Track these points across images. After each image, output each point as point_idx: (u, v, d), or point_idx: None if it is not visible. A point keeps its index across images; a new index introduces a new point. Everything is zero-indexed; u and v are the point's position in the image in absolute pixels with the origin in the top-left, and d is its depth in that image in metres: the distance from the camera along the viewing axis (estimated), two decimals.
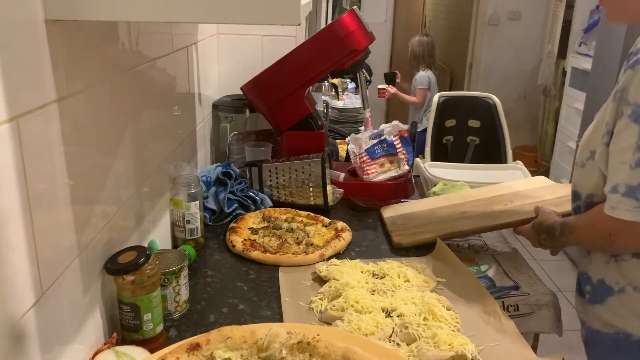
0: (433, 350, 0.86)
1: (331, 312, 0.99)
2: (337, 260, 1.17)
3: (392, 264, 1.16)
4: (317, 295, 1.06)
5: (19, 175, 0.64)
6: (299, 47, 1.60)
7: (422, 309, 0.96)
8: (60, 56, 0.73)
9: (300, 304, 1.05)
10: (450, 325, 0.94)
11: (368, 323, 0.93)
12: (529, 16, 4.96)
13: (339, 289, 1.03)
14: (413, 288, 1.07)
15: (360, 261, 1.18)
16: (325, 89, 2.76)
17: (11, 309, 0.64)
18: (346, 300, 0.99)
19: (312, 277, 1.15)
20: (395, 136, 1.59)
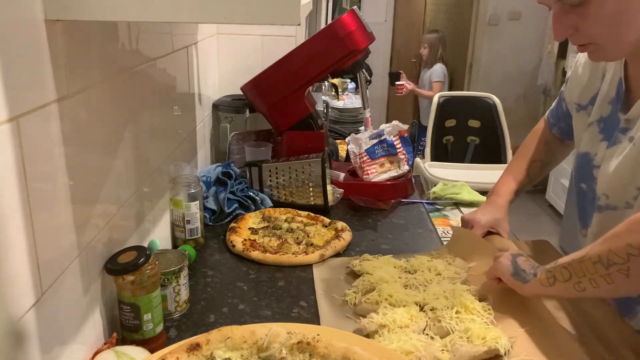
0: (466, 345, 0.86)
1: (365, 304, 1.00)
2: (370, 256, 1.18)
3: (421, 259, 1.15)
4: (351, 289, 1.07)
5: (19, 175, 0.64)
6: (299, 47, 1.60)
7: (454, 302, 0.96)
8: (60, 56, 0.73)
9: (335, 297, 1.06)
10: (482, 317, 0.94)
11: (403, 316, 0.93)
12: (529, 16, 4.96)
13: (373, 283, 1.05)
14: (445, 281, 1.06)
15: (392, 257, 1.18)
16: (325, 89, 2.76)
17: (11, 309, 0.64)
18: (380, 294, 1.00)
19: (346, 271, 1.16)
20: (395, 136, 1.59)
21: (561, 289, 0.88)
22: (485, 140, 3.41)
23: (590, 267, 0.82)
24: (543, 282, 0.90)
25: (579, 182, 1.07)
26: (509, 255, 0.99)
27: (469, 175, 2.78)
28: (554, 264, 0.89)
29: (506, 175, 1.32)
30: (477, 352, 0.85)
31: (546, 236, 1.31)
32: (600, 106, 1.03)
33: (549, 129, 1.30)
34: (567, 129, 1.22)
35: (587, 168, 1.04)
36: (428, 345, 0.86)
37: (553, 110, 1.28)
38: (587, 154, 1.04)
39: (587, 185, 1.04)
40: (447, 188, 1.81)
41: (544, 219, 4.09)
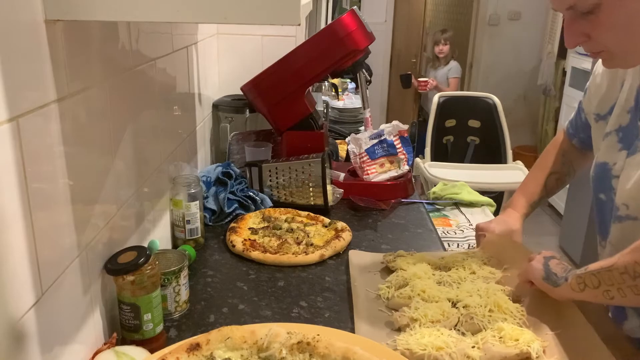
0: (498, 345, 0.86)
1: (398, 299, 1.01)
2: (404, 252, 1.18)
3: (456, 257, 1.15)
4: (385, 284, 1.08)
5: (19, 175, 0.64)
6: (299, 47, 1.60)
7: (488, 300, 0.96)
8: (60, 56, 0.73)
9: (368, 291, 1.07)
10: (515, 318, 0.94)
11: (434, 311, 0.94)
12: (529, 16, 4.96)
13: (407, 278, 1.05)
14: (478, 280, 1.06)
15: (426, 254, 1.18)
16: (325, 89, 2.76)
17: (11, 309, 0.64)
18: (413, 289, 1.01)
19: (381, 267, 1.17)
20: (395, 136, 1.59)
21: (591, 295, 0.89)
22: (485, 140, 3.42)
23: (618, 277, 0.83)
24: (573, 288, 0.90)
25: (598, 193, 1.06)
26: (542, 259, 0.98)
27: (469, 175, 2.78)
28: (584, 269, 0.89)
29: (523, 187, 1.32)
30: (509, 354, 0.85)
31: (546, 236, 1.31)
32: (619, 115, 1.01)
33: (569, 140, 1.29)
34: (587, 139, 1.21)
35: (605, 178, 1.03)
36: (458, 342, 0.86)
37: (572, 121, 1.27)
38: (605, 163, 1.02)
39: (605, 195, 1.03)
40: (447, 188, 1.81)
41: (544, 219, 4.09)
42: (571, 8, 0.86)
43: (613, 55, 0.89)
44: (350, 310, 1.03)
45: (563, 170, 1.30)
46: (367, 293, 1.07)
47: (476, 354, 0.84)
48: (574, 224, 3.40)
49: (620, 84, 1.04)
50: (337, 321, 1.00)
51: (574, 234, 3.41)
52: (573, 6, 0.85)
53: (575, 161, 1.30)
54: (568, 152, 1.29)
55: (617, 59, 0.90)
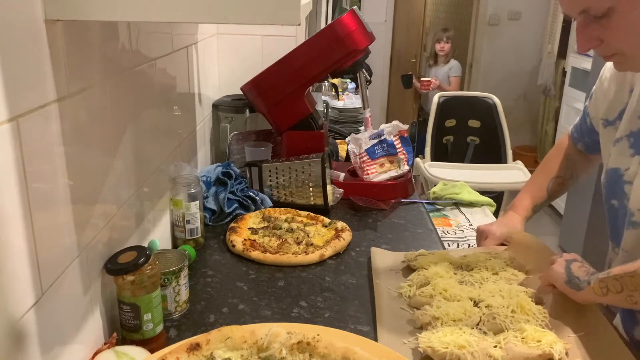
0: (520, 345, 0.86)
1: (419, 297, 1.01)
2: (426, 251, 1.18)
3: (478, 256, 1.15)
4: (406, 282, 1.09)
5: (19, 175, 0.64)
6: (299, 47, 1.60)
7: (511, 301, 0.96)
8: (60, 56, 0.73)
9: (390, 289, 1.08)
10: (537, 319, 0.94)
11: (456, 310, 0.94)
12: (529, 16, 4.96)
13: (428, 277, 1.06)
14: (501, 281, 1.06)
15: (448, 252, 1.19)
16: (325, 89, 2.76)
17: (11, 309, 0.64)
18: (434, 288, 1.01)
19: (402, 266, 1.17)
20: (395, 136, 1.59)
21: (614, 300, 0.89)
22: (485, 140, 3.42)
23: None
24: (596, 292, 0.90)
25: (610, 199, 1.05)
26: (563, 262, 0.98)
27: (469, 175, 2.78)
28: (606, 273, 0.89)
29: (525, 190, 1.32)
30: (531, 355, 0.84)
31: (546, 236, 1.32)
32: (629, 120, 1.00)
33: (574, 144, 1.29)
34: (592, 144, 1.21)
35: (617, 184, 1.02)
36: (480, 341, 0.86)
37: (577, 125, 1.27)
38: (617, 169, 1.01)
39: (618, 201, 1.02)
40: (447, 188, 1.81)
41: (544, 219, 4.09)
42: (584, 12, 0.85)
43: (626, 59, 0.89)
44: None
45: (566, 175, 1.30)
46: (388, 291, 1.07)
47: (498, 354, 0.84)
48: (574, 224, 3.40)
49: (629, 89, 1.03)
50: (337, 321, 1.00)
51: (574, 234, 3.41)
52: (586, 10, 0.84)
53: (578, 166, 1.30)
54: (572, 157, 1.29)
55: (630, 62, 0.89)
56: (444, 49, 4.48)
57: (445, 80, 4.44)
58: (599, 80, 1.14)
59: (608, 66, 1.11)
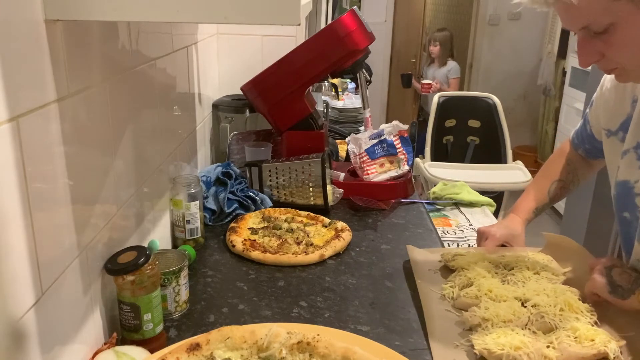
0: (574, 345, 0.86)
1: (464, 299, 1.01)
2: (462, 250, 1.18)
3: (518, 256, 1.15)
4: (447, 283, 1.08)
5: (19, 175, 0.64)
6: (299, 47, 1.60)
7: (557, 300, 0.96)
8: (60, 56, 0.73)
9: (432, 290, 1.07)
10: (586, 317, 0.93)
11: (506, 311, 0.93)
12: (529, 16, 4.96)
13: (471, 278, 1.05)
14: (543, 280, 1.06)
15: (485, 251, 1.18)
16: (325, 89, 2.76)
17: (11, 309, 0.64)
18: (479, 289, 1.01)
19: (439, 265, 1.17)
20: (395, 136, 1.59)
21: None
22: (485, 140, 3.42)
23: None
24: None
25: (621, 211, 1.05)
26: (603, 270, 0.98)
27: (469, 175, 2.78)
28: None
29: (527, 193, 1.33)
30: (586, 355, 0.84)
31: None
32: (635, 133, 1.00)
33: (575, 150, 1.30)
34: (592, 150, 1.22)
35: (628, 196, 1.02)
36: (534, 342, 0.86)
37: (578, 131, 1.28)
38: (627, 182, 1.01)
39: (630, 214, 1.02)
40: (447, 188, 1.81)
41: (544, 219, 4.09)
42: (585, 28, 0.85)
43: (627, 72, 0.89)
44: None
45: (567, 179, 1.31)
46: (432, 293, 1.07)
47: (553, 354, 0.84)
48: (574, 224, 3.40)
49: (631, 99, 1.03)
50: (337, 321, 1.00)
51: (574, 235, 3.39)
52: (587, 27, 0.84)
53: (579, 171, 1.31)
54: (573, 162, 1.30)
55: (632, 75, 0.90)
56: (433, 51, 4.49)
57: (444, 81, 4.44)
58: (599, 89, 1.14)
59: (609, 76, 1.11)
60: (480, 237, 1.28)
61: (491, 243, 1.23)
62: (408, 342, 0.94)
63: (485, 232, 1.26)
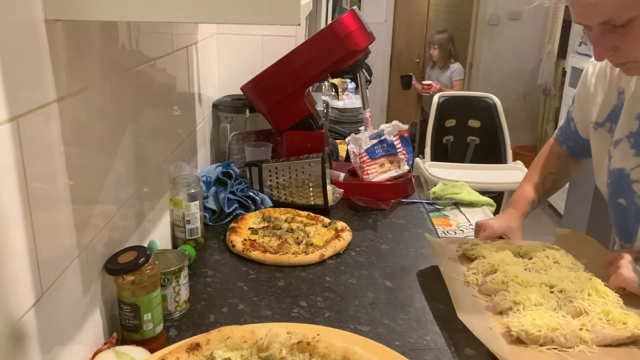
0: (608, 328, 0.87)
1: (491, 284, 1.02)
2: (479, 240, 1.19)
3: (535, 246, 1.16)
4: (470, 270, 1.09)
5: (19, 175, 0.64)
6: (299, 47, 1.60)
7: (584, 285, 0.97)
8: (60, 56, 0.73)
9: (455, 277, 1.08)
10: (613, 302, 0.94)
11: (536, 294, 0.94)
12: (529, 16, 4.96)
13: (494, 265, 1.06)
14: (564, 269, 1.06)
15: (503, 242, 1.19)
16: (325, 89, 2.76)
17: (11, 309, 0.64)
18: (505, 275, 1.02)
19: (457, 254, 1.18)
20: (395, 136, 1.59)
21: None
22: (485, 140, 3.42)
23: None
24: None
25: (616, 198, 1.07)
26: (629, 265, 0.99)
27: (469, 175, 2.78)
28: None
29: (522, 187, 1.35)
30: (620, 337, 0.86)
31: (546, 236, 1.32)
32: (626, 123, 1.03)
33: (559, 146, 1.32)
34: (576, 148, 1.25)
35: (624, 184, 1.04)
36: (568, 324, 0.87)
37: (562, 129, 1.30)
38: (622, 169, 1.04)
39: (626, 200, 1.05)
40: (447, 188, 1.81)
41: (544, 219, 4.09)
42: (604, 22, 0.86)
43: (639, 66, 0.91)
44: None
45: (559, 172, 1.33)
46: (456, 279, 1.08)
47: (587, 336, 0.86)
48: (574, 224, 3.40)
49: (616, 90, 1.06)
50: (337, 321, 1.00)
51: None
52: (608, 21, 0.85)
53: (569, 164, 1.33)
54: (562, 156, 1.33)
55: None
56: (433, 54, 4.50)
57: (449, 83, 4.44)
58: (582, 86, 1.16)
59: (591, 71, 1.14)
60: (478, 229, 1.29)
61: (489, 234, 1.24)
62: (408, 342, 0.94)
63: (483, 224, 1.28)
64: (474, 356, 0.91)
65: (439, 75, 4.50)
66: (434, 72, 4.57)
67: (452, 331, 0.97)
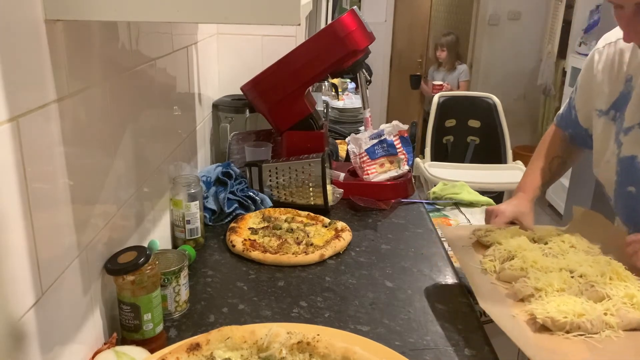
0: (633, 312, 0.86)
1: (509, 271, 1.00)
2: (493, 226, 1.17)
3: (550, 230, 1.15)
4: (486, 257, 1.08)
5: (19, 175, 0.64)
6: (299, 47, 1.60)
7: (604, 269, 0.95)
8: (60, 56, 0.73)
9: (472, 265, 1.06)
10: (636, 285, 0.93)
11: (557, 280, 0.93)
12: (529, 16, 4.96)
13: (511, 251, 1.05)
14: (580, 253, 1.05)
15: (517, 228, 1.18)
16: (325, 89, 2.76)
17: (11, 309, 0.64)
18: (524, 261, 1.00)
19: (471, 242, 1.16)
20: (395, 136, 1.59)
21: None
22: (485, 140, 3.42)
23: None
24: None
25: (626, 186, 1.07)
26: None
27: (469, 175, 2.78)
28: None
29: (530, 172, 1.35)
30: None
31: None
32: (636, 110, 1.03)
33: (562, 130, 1.32)
34: (576, 136, 1.25)
35: (634, 171, 1.04)
36: (593, 309, 0.86)
37: (563, 115, 1.31)
38: (633, 157, 1.04)
39: (636, 187, 1.05)
40: (447, 188, 1.81)
41: (544, 219, 4.09)
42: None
43: None
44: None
45: (564, 155, 1.33)
46: (472, 267, 1.06)
47: (613, 321, 0.84)
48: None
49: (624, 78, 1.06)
50: (337, 321, 1.00)
51: None
52: None
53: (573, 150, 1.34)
54: (565, 140, 1.33)
55: None
56: (441, 56, 4.52)
57: (455, 84, 4.47)
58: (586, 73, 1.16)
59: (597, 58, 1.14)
60: (489, 215, 1.28)
61: (500, 220, 1.23)
62: (408, 342, 0.94)
63: (494, 210, 1.26)
64: (474, 356, 0.91)
65: (446, 77, 4.52)
66: (440, 74, 4.58)
67: (452, 331, 0.97)
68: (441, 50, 4.51)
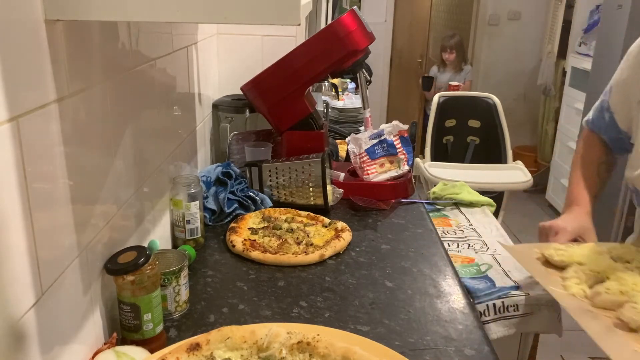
0: None
1: (608, 296, 0.92)
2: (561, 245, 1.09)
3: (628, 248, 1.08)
4: (569, 280, 0.99)
5: (19, 175, 0.64)
6: (299, 47, 1.60)
7: None
8: (60, 56, 0.73)
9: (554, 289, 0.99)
10: None
11: None
12: (529, 16, 4.96)
13: (599, 272, 0.98)
14: None
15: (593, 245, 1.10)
16: (325, 89, 2.76)
17: (11, 309, 0.64)
18: (622, 284, 0.94)
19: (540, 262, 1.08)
20: (395, 136, 1.59)
21: None
22: (485, 140, 3.42)
23: None
24: None
25: None
26: None
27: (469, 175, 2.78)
28: None
29: (578, 183, 1.27)
30: None
31: None
32: None
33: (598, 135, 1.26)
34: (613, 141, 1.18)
35: None
36: None
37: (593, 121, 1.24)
38: None
39: None
40: (447, 188, 1.81)
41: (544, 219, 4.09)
42: None
43: None
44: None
45: (609, 159, 1.26)
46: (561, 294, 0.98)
47: None
48: None
49: None
50: (337, 321, 1.00)
51: None
52: None
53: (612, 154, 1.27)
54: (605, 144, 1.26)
55: None
56: (449, 59, 4.55)
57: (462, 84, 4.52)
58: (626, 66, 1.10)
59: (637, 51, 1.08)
60: (547, 232, 1.20)
61: (563, 237, 1.15)
62: (408, 342, 0.94)
63: (553, 226, 1.18)
64: (474, 356, 0.91)
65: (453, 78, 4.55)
66: (445, 75, 4.60)
67: (452, 331, 0.97)
68: (450, 52, 4.54)
